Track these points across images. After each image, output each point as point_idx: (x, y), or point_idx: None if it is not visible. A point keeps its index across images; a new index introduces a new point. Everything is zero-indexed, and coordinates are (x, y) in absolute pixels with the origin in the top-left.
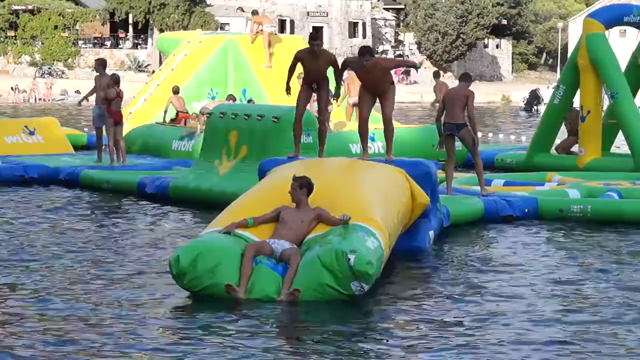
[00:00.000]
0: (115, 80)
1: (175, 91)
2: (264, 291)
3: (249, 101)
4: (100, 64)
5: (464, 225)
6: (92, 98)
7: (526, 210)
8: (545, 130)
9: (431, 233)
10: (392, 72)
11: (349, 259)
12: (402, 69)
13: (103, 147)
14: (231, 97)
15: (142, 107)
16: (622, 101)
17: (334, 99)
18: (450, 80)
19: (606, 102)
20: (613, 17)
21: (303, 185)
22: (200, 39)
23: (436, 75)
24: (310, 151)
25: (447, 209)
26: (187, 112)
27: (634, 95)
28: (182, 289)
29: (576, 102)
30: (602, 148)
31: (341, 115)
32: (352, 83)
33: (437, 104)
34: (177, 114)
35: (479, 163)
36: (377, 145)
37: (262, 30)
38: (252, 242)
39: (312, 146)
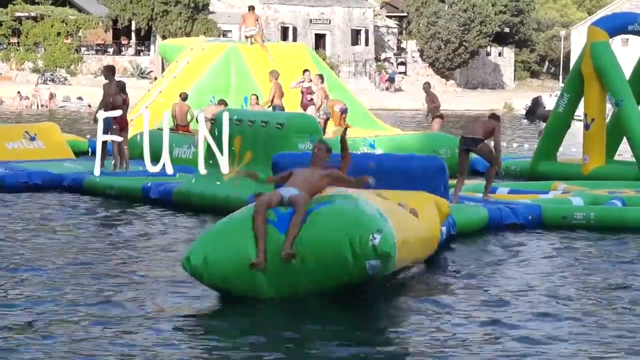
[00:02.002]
0: (122, 87)
1: (184, 98)
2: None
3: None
4: (109, 70)
5: (469, 234)
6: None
7: (530, 217)
8: (550, 138)
9: (444, 229)
10: (378, 79)
11: (375, 238)
12: (387, 77)
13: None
14: (222, 102)
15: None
16: (627, 109)
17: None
18: (453, 88)
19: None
20: (617, 26)
21: (329, 149)
22: (203, 47)
23: (427, 87)
24: None
25: (452, 217)
26: (187, 125)
27: (639, 103)
28: (193, 278)
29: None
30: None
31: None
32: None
33: (429, 115)
34: (176, 126)
35: (493, 171)
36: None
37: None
38: (260, 199)
39: None
